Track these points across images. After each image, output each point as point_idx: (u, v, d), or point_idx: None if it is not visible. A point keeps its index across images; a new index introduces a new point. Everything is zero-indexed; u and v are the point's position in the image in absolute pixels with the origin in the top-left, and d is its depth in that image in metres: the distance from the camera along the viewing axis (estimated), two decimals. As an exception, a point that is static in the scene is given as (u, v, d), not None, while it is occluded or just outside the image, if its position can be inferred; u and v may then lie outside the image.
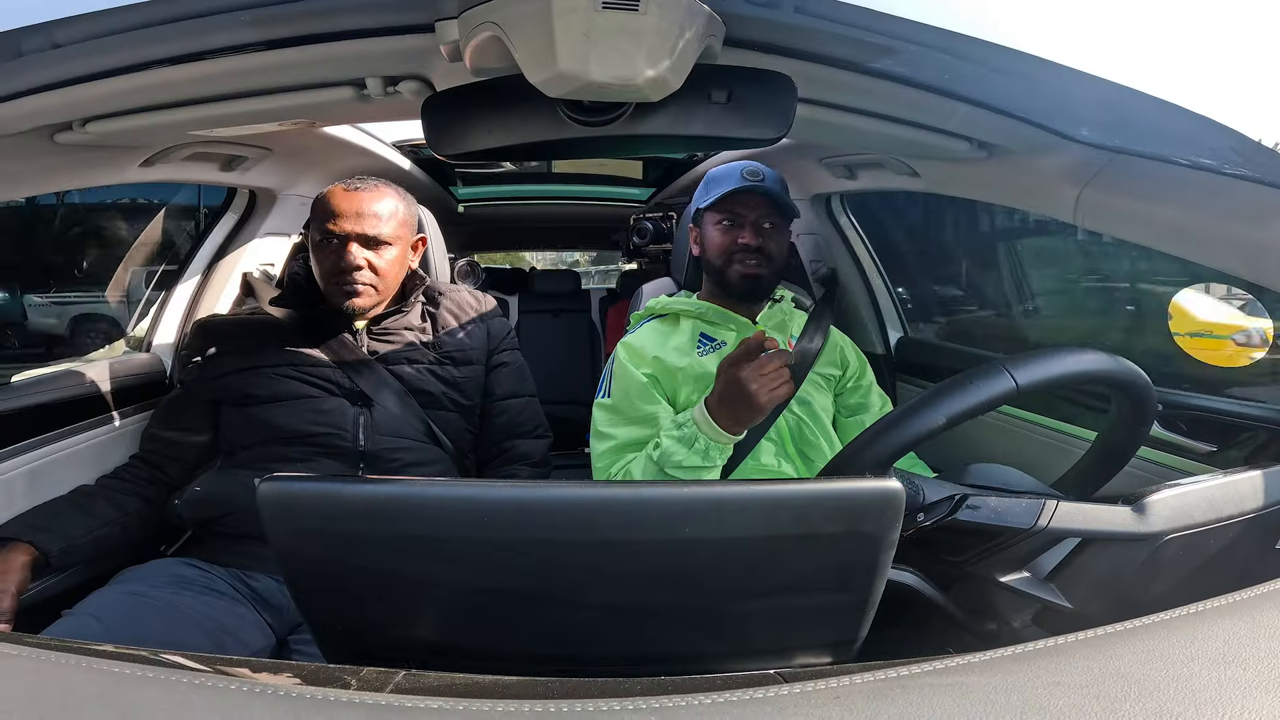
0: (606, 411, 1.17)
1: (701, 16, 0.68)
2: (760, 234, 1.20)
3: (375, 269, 1.20)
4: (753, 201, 1.20)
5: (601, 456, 1.14)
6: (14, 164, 0.98)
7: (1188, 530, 0.65)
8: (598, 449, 1.15)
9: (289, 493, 0.49)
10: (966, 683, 0.38)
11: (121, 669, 0.40)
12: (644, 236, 2.31)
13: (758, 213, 1.20)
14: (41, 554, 1.02)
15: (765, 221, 1.21)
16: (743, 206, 1.20)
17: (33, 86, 0.79)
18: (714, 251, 1.23)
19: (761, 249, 1.20)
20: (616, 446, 1.13)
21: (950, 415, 0.65)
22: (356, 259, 1.17)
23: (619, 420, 1.15)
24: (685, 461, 1.00)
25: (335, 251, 1.18)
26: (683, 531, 0.49)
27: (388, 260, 1.21)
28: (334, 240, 1.18)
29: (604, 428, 1.16)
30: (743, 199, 1.20)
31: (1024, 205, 1.16)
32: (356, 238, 1.18)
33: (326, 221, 1.18)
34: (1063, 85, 0.73)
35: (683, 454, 1.00)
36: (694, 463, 1.00)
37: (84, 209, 1.61)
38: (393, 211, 1.22)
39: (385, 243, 1.20)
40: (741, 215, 1.21)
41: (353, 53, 0.79)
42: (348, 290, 1.19)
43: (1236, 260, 0.86)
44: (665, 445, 1.02)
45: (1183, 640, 0.42)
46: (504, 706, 0.36)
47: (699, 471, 1.01)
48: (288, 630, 1.08)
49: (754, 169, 1.22)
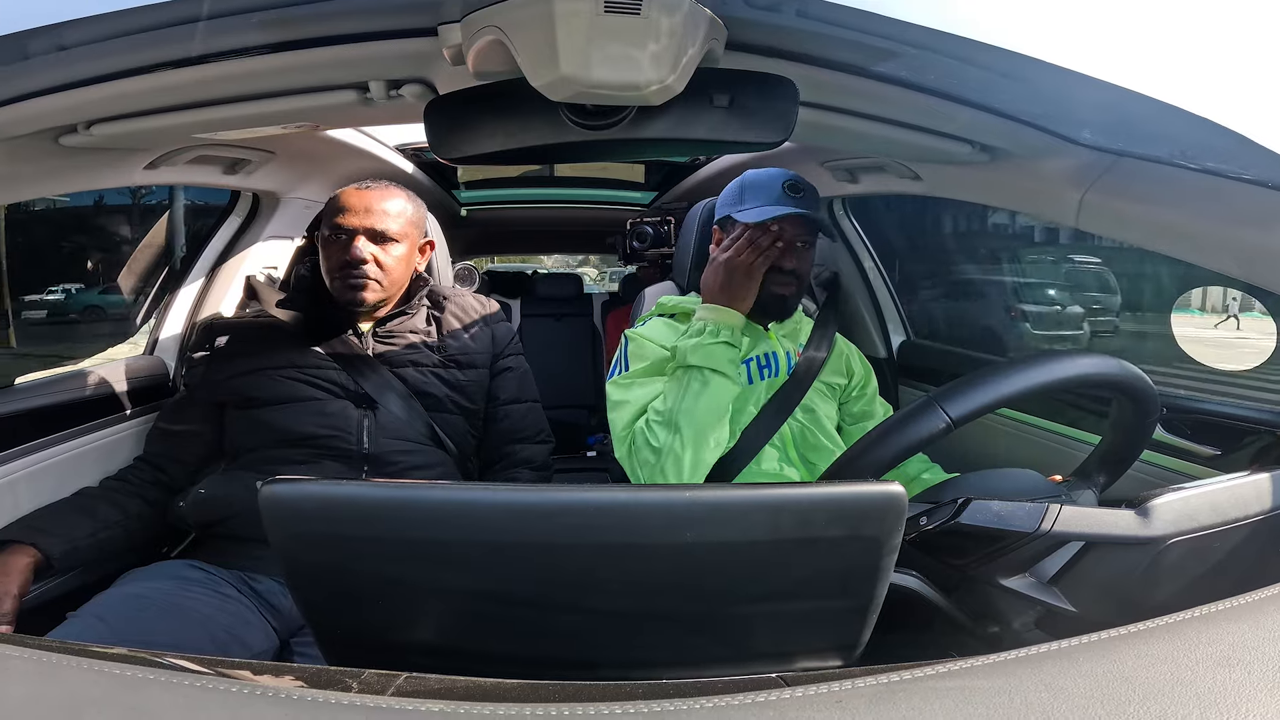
0: (620, 386, 1.14)
1: (703, 20, 0.68)
2: (796, 255, 1.17)
3: (381, 264, 1.21)
4: (792, 220, 1.15)
5: (624, 426, 1.11)
6: (19, 166, 0.98)
7: (1191, 534, 0.65)
8: (620, 419, 1.12)
9: (291, 495, 0.49)
10: (969, 686, 0.38)
11: (124, 670, 0.40)
12: (644, 241, 2.31)
13: (796, 232, 1.16)
14: (43, 556, 1.02)
15: (800, 241, 1.17)
16: (784, 223, 1.14)
17: (38, 89, 0.79)
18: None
19: (795, 270, 1.18)
20: (636, 410, 1.11)
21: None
22: (362, 252, 1.19)
23: (633, 385, 1.13)
24: (703, 342, 1.05)
25: (343, 245, 1.20)
26: (684, 535, 0.48)
27: (394, 257, 1.23)
28: (342, 235, 1.20)
29: (619, 397, 1.13)
30: (783, 218, 1.14)
31: (1026, 209, 1.16)
32: (364, 232, 1.20)
33: (336, 217, 1.21)
34: (1065, 88, 0.73)
35: (692, 344, 1.05)
36: (707, 350, 1.05)
37: (87, 211, 1.61)
38: (401, 210, 1.24)
39: (392, 239, 1.22)
40: (781, 232, 1.14)
41: (356, 56, 0.79)
42: (353, 283, 1.20)
43: (1242, 264, 0.86)
44: (681, 344, 1.06)
45: (1187, 644, 0.42)
46: (505, 710, 0.36)
47: (717, 350, 1.05)
48: (290, 632, 1.08)
49: (795, 183, 1.17)
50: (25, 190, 1.08)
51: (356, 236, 1.20)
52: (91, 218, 1.63)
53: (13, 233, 1.41)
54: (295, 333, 1.25)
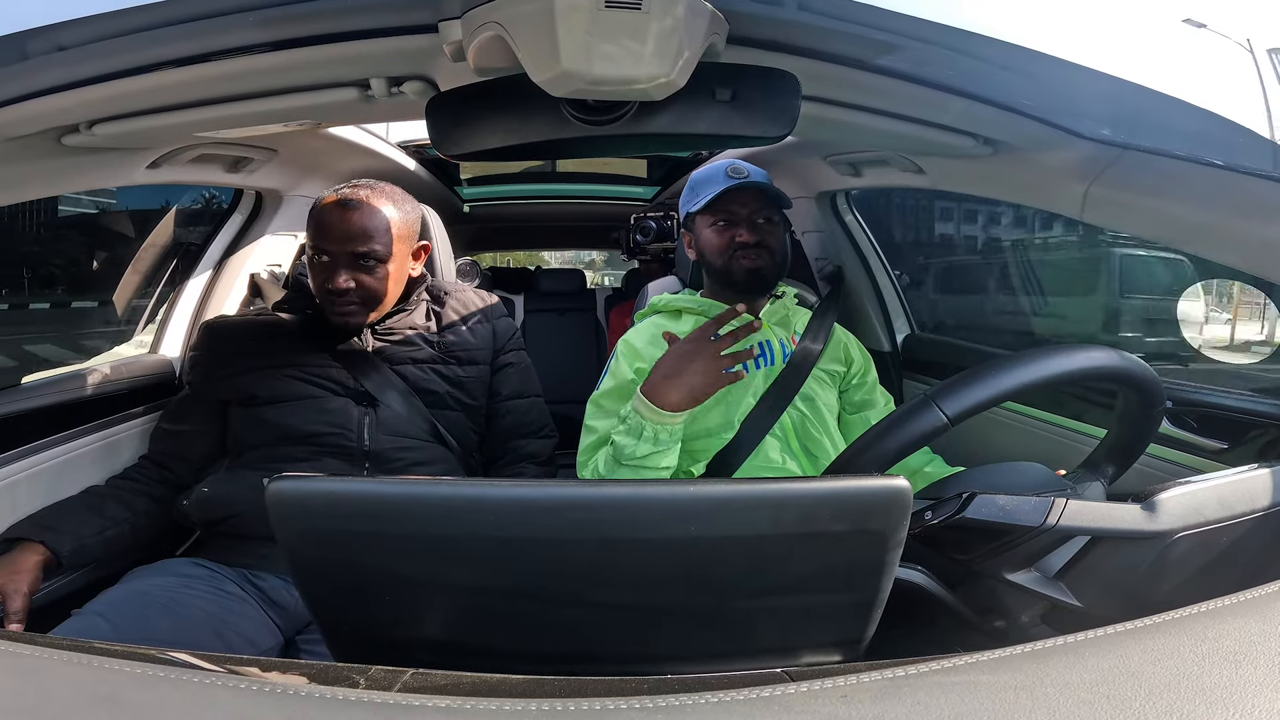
0: (594, 406, 1.17)
1: (705, 14, 0.68)
2: (756, 229, 1.19)
3: (366, 289, 1.16)
4: (743, 198, 1.19)
5: (583, 451, 1.14)
6: (21, 167, 0.98)
7: (1199, 528, 0.65)
8: (582, 443, 1.15)
9: (298, 492, 0.49)
10: (975, 681, 0.38)
11: (133, 669, 0.40)
12: (647, 235, 2.32)
13: (750, 208, 1.19)
14: (52, 554, 1.02)
15: (759, 216, 1.20)
16: (734, 204, 1.19)
17: (41, 89, 0.79)
18: (712, 252, 1.22)
19: (761, 243, 1.19)
20: (596, 441, 1.13)
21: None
22: (342, 283, 1.14)
23: (602, 414, 1.15)
24: (637, 451, 0.98)
25: (324, 271, 1.15)
26: (688, 530, 0.48)
27: (379, 278, 1.17)
28: (323, 258, 1.15)
29: (590, 421, 1.16)
30: (733, 197, 1.19)
31: (1030, 201, 1.15)
32: (345, 258, 1.15)
33: (316, 236, 1.16)
34: (1069, 81, 0.73)
35: (632, 444, 0.98)
36: (645, 450, 0.98)
37: (90, 211, 1.61)
38: (385, 226, 1.16)
39: (378, 260, 1.16)
40: (734, 213, 1.19)
41: (357, 54, 0.79)
42: (337, 311, 1.17)
43: (1247, 256, 0.86)
44: (617, 440, 1.01)
45: (1193, 639, 0.42)
46: (511, 705, 0.36)
47: (653, 458, 0.99)
48: (295, 630, 1.09)
49: (737, 166, 1.21)
50: (28, 190, 1.08)
51: (338, 265, 1.14)
52: (93, 217, 1.63)
53: (17, 232, 1.42)
54: (296, 331, 1.25)
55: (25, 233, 1.45)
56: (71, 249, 1.61)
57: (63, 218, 1.54)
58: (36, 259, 1.53)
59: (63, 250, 1.59)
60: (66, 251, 1.60)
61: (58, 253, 1.58)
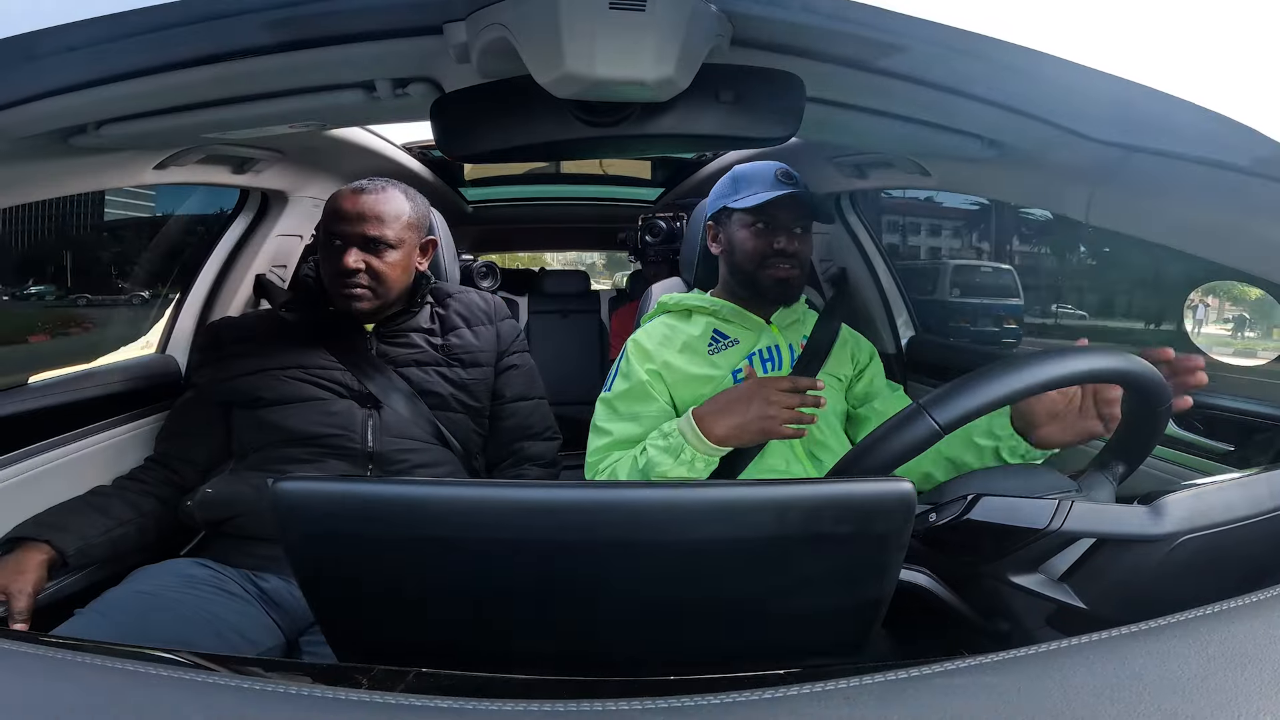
0: (606, 406, 1.17)
1: (708, 16, 0.68)
2: (794, 239, 1.18)
3: (376, 272, 1.20)
4: (790, 205, 1.17)
5: (594, 452, 1.14)
6: (29, 167, 0.99)
7: (1204, 531, 0.64)
8: (592, 444, 1.15)
9: (302, 493, 0.49)
10: (979, 683, 0.38)
11: (137, 668, 0.40)
12: (657, 236, 2.31)
13: (793, 216, 1.18)
14: (58, 553, 1.03)
15: (798, 226, 1.18)
16: (781, 210, 1.17)
17: (48, 90, 0.80)
18: (745, 255, 1.20)
19: (796, 254, 1.18)
20: (609, 444, 1.13)
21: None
22: (353, 263, 1.18)
23: (615, 416, 1.15)
24: (670, 472, 0.99)
25: (337, 253, 1.19)
26: (693, 532, 0.48)
27: (390, 263, 1.21)
28: (336, 241, 1.20)
29: (601, 422, 1.16)
30: (780, 203, 1.16)
31: (1035, 204, 1.15)
32: (358, 240, 1.19)
33: (331, 222, 1.21)
34: (1075, 83, 0.73)
35: (668, 464, 0.99)
36: (678, 472, 0.99)
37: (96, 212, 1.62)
38: (398, 214, 1.22)
39: (388, 245, 1.21)
40: (777, 219, 1.17)
41: (363, 55, 0.79)
42: (346, 293, 1.20)
43: (1257, 259, 0.85)
44: (650, 455, 1.01)
45: (1199, 642, 0.42)
46: (514, 706, 0.36)
47: (672, 474, 0.99)
48: (297, 631, 1.09)
49: (787, 171, 1.19)
50: (36, 190, 1.09)
51: (350, 245, 1.19)
52: (99, 218, 1.64)
53: (22, 232, 1.43)
54: (301, 333, 1.25)
55: (25, 233, 1.46)
56: (71, 249, 1.62)
57: (64, 217, 1.54)
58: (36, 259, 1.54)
59: (62, 250, 1.59)
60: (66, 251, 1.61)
61: (56, 253, 1.58)
